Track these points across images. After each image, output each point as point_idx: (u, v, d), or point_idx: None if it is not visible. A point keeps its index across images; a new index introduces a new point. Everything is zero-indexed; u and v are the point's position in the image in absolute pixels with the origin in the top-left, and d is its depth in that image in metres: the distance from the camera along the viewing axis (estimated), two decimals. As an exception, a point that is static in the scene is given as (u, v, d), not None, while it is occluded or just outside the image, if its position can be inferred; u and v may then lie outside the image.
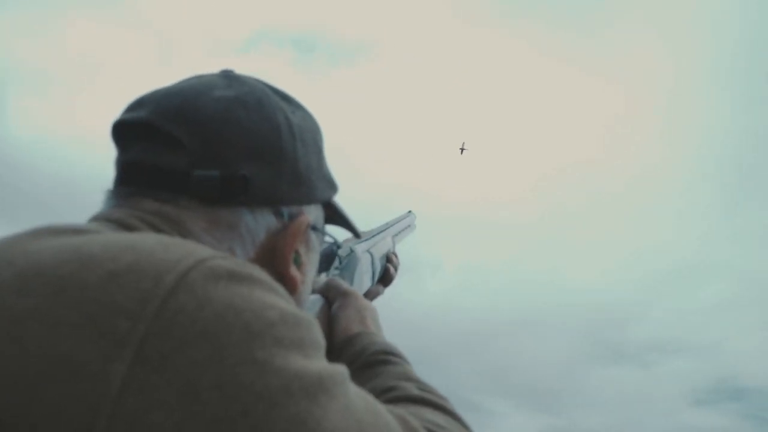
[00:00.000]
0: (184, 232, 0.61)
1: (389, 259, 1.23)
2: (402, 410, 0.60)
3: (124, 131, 0.66)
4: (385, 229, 1.27)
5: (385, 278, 1.21)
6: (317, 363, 0.49)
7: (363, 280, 1.08)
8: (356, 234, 0.86)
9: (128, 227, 0.59)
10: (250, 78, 0.71)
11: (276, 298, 0.50)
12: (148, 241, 0.49)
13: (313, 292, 0.90)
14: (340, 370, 0.52)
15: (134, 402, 0.41)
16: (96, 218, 0.61)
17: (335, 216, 0.80)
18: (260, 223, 0.66)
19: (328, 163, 0.76)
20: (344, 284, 0.94)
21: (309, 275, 0.74)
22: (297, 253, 0.70)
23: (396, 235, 1.32)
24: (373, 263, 1.14)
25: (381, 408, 0.55)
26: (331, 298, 0.92)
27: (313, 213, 0.73)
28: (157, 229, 0.60)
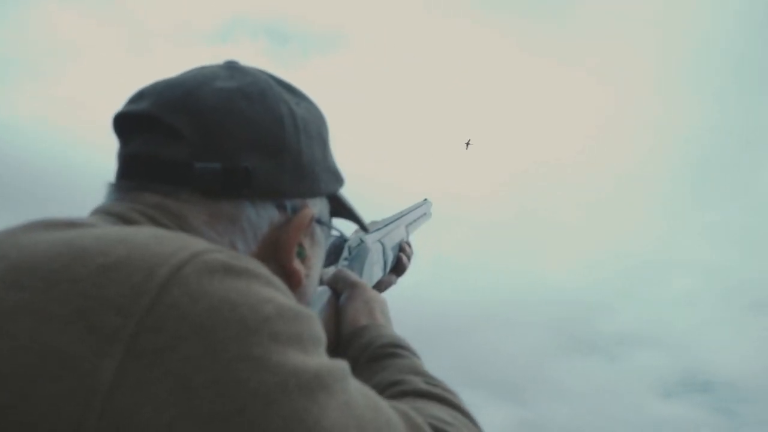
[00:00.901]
0: (185, 226, 0.60)
1: (402, 249, 1.20)
2: (405, 405, 0.59)
3: (125, 124, 0.65)
4: (398, 218, 1.24)
5: (397, 268, 1.19)
6: (316, 359, 0.48)
7: (374, 271, 1.06)
8: (364, 227, 0.84)
9: (128, 221, 0.58)
10: (254, 69, 0.70)
11: (273, 292, 0.49)
12: (142, 235, 0.48)
13: (322, 283, 0.89)
14: (341, 365, 0.51)
15: (125, 398, 0.40)
16: (97, 212, 0.61)
17: (342, 209, 0.78)
18: (263, 216, 0.65)
19: (333, 155, 0.75)
20: (352, 275, 0.92)
21: (314, 269, 0.72)
22: (301, 246, 0.69)
23: (410, 224, 1.29)
24: (384, 253, 1.11)
25: (383, 404, 0.53)
26: (340, 289, 0.90)
27: (317, 206, 0.71)
28: (158, 223, 0.59)
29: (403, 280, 1.18)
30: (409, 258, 1.21)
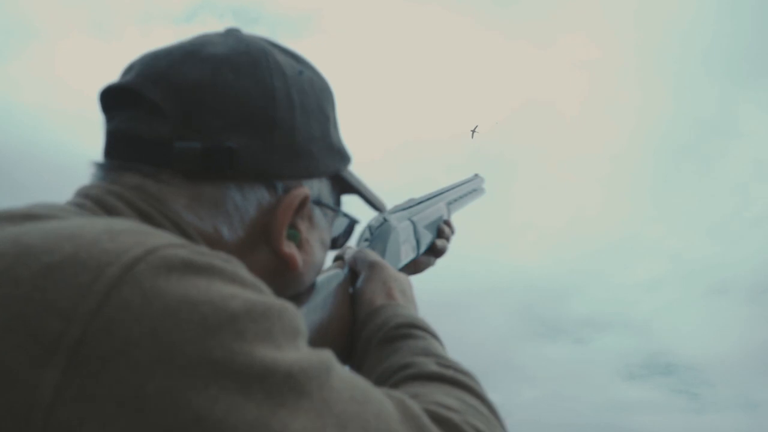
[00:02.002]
0: (164, 210, 0.56)
1: (440, 228, 1.12)
2: (402, 393, 0.54)
3: (111, 98, 0.61)
4: (438, 194, 1.16)
5: (434, 249, 1.10)
6: (290, 354, 0.43)
7: (401, 251, 0.99)
8: (376, 207, 0.77)
9: (104, 206, 0.55)
10: (253, 36, 0.65)
11: (240, 289, 0.44)
12: (94, 229, 0.44)
13: (340, 266, 0.86)
14: (321, 357, 0.46)
15: (68, 413, 0.36)
16: (78, 194, 0.58)
17: (351, 189, 0.73)
18: (250, 199, 0.60)
19: (339, 130, 0.70)
20: (371, 255, 0.86)
21: (314, 254, 0.68)
22: (295, 229, 0.64)
23: (454, 201, 1.19)
24: (416, 232, 1.04)
25: (374, 394, 0.49)
26: (359, 271, 0.85)
27: (315, 186, 0.66)
28: (136, 207, 0.55)
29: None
30: (447, 238, 1.12)
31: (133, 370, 0.37)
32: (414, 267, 1.07)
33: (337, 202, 0.73)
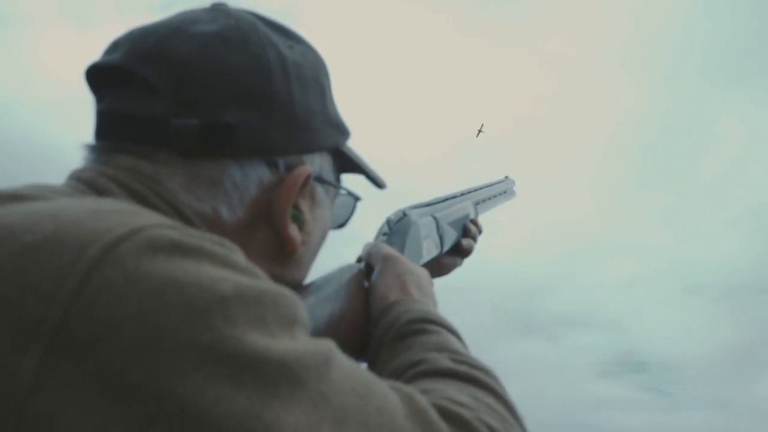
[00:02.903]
0: (160, 191, 0.54)
1: (465, 227, 1.08)
2: (413, 388, 0.51)
3: (98, 77, 0.59)
4: (465, 193, 1.12)
5: (459, 248, 1.06)
6: (285, 342, 0.40)
7: (422, 246, 0.95)
8: (377, 183, 0.74)
9: (96, 188, 0.53)
10: (240, 10, 0.63)
11: (231, 273, 0.41)
12: (78, 208, 0.42)
13: (357, 259, 0.83)
14: (320, 347, 0.43)
15: (48, 400, 0.35)
16: (70, 177, 0.56)
17: (350, 166, 0.70)
18: (250, 176, 0.58)
19: (336, 104, 0.67)
20: (386, 248, 0.82)
21: (314, 235, 0.65)
22: (297, 209, 0.62)
23: (482, 201, 1.16)
24: (439, 229, 1.00)
25: (378, 387, 0.45)
26: (373, 264, 0.80)
27: (316, 162, 0.64)
28: (129, 188, 0.53)
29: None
30: (474, 238, 1.08)
31: (115, 356, 0.35)
32: (439, 268, 1.04)
33: (338, 180, 0.70)
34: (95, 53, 0.61)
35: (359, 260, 0.84)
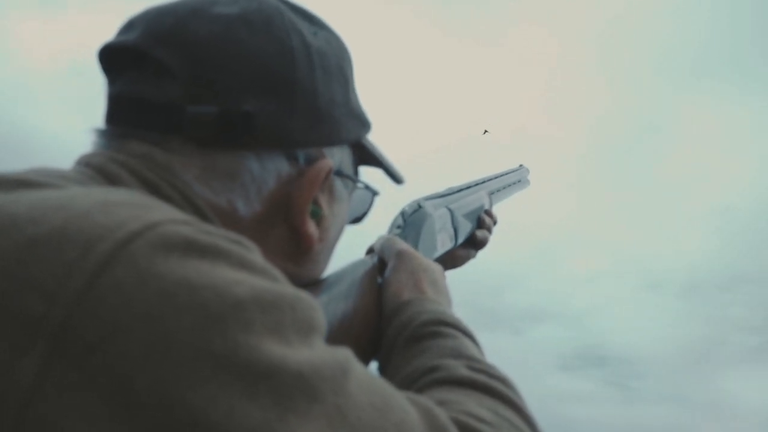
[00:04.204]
0: (174, 181, 0.51)
1: (480, 219, 1.06)
2: (431, 400, 0.48)
3: (111, 58, 0.56)
4: (479, 183, 1.10)
5: (474, 240, 1.04)
6: (303, 351, 0.38)
7: (437, 240, 0.93)
8: (396, 179, 0.72)
9: (106, 175, 0.50)
10: None
11: (248, 275, 0.38)
12: (87, 199, 0.39)
13: (368, 253, 0.80)
14: (337, 357, 0.41)
15: (47, 407, 0.32)
16: (78, 162, 0.53)
17: (369, 159, 0.67)
18: (268, 169, 0.55)
19: (358, 95, 0.64)
20: (399, 243, 0.79)
21: (331, 231, 0.63)
22: (317, 204, 0.59)
23: (496, 191, 1.15)
24: (454, 221, 0.98)
25: (397, 401, 0.43)
26: (386, 259, 0.78)
27: (337, 155, 0.61)
28: (142, 177, 0.50)
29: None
30: (489, 229, 1.07)
31: (121, 360, 0.33)
32: (452, 260, 1.01)
33: (356, 173, 0.67)
34: (63, 37, 0.57)
35: (370, 251, 0.82)
